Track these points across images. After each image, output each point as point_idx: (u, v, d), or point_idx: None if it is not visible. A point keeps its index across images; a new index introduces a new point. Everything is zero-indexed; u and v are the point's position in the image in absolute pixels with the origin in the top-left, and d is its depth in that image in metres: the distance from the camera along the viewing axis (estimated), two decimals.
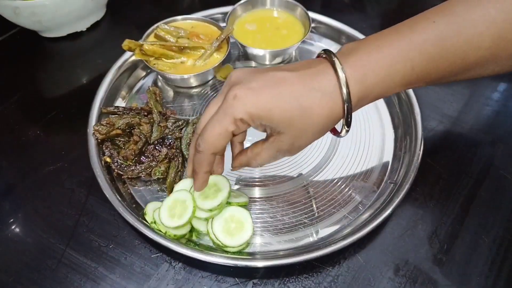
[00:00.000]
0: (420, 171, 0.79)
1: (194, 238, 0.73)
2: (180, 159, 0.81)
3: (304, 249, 0.71)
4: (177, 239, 0.70)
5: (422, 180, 0.82)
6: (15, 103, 0.98)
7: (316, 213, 0.77)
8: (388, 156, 0.86)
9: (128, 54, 0.97)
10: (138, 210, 0.75)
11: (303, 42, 1.02)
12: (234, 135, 0.59)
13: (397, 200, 0.74)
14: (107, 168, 0.80)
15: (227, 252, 0.70)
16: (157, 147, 0.82)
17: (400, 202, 0.74)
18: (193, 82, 0.97)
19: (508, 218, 0.77)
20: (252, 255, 0.71)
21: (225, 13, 1.03)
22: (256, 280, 0.70)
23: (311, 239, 0.74)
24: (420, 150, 0.81)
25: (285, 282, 0.70)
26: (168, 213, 0.70)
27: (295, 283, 0.70)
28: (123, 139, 0.84)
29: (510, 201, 0.80)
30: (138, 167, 0.79)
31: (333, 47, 1.06)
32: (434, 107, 0.95)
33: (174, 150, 0.81)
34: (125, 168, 0.79)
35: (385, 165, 0.84)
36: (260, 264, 0.67)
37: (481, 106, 0.96)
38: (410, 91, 0.90)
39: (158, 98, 0.92)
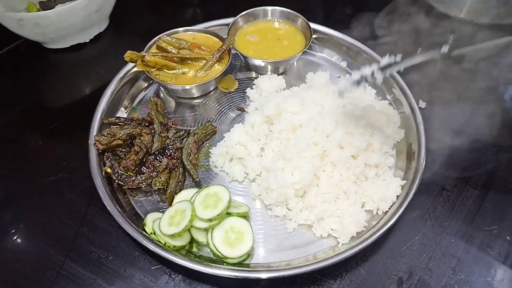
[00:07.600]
0: (424, 182, 0.78)
1: (194, 249, 0.72)
2: (180, 169, 0.81)
3: (306, 261, 0.70)
4: (177, 250, 0.70)
5: (426, 191, 0.81)
6: (18, 114, 0.98)
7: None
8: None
9: (130, 65, 0.97)
10: (138, 221, 0.75)
11: (305, 52, 1.02)
12: None
13: (399, 211, 0.73)
14: (108, 178, 0.80)
15: (227, 263, 0.69)
16: (158, 158, 0.81)
17: (402, 213, 0.73)
18: (195, 92, 0.97)
19: None
20: (253, 267, 0.70)
21: (226, 25, 1.04)
22: None
23: (314, 251, 0.73)
24: (423, 161, 0.80)
25: None
26: (168, 222, 0.70)
27: None
28: (124, 150, 0.83)
29: None
30: (138, 177, 0.79)
31: (335, 57, 1.06)
32: (437, 116, 0.94)
33: (175, 161, 0.81)
34: (126, 179, 0.79)
35: None
36: (260, 275, 0.66)
37: (485, 117, 0.95)
38: (413, 100, 0.90)
39: (159, 109, 0.92)
